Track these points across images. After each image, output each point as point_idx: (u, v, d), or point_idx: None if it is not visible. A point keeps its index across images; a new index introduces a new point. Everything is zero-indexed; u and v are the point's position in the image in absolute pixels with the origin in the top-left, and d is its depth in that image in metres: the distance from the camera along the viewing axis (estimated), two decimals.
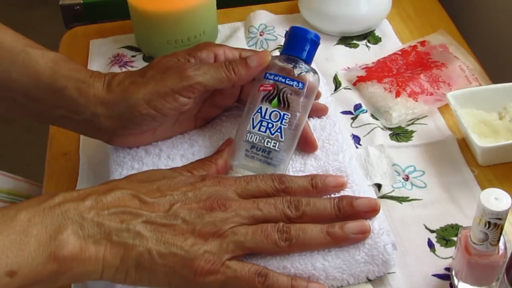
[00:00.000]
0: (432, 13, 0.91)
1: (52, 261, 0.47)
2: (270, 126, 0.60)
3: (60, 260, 0.48)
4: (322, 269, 0.55)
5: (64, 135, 0.75)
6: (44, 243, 0.47)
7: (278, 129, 0.60)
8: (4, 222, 0.47)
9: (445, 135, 0.73)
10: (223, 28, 0.89)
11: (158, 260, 0.50)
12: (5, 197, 0.81)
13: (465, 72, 0.79)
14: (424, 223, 0.64)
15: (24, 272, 0.46)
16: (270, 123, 0.60)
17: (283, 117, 0.60)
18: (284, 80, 0.61)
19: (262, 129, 0.60)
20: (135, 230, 0.50)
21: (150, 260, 0.50)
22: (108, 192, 0.52)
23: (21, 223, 0.47)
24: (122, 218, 0.51)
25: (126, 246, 0.50)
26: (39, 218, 0.48)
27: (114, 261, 0.50)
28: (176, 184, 0.54)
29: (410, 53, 0.82)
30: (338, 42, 0.87)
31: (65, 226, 0.48)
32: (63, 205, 0.50)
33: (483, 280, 0.56)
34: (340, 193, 0.60)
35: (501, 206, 0.50)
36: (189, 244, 0.51)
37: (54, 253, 0.47)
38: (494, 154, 0.68)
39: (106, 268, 0.50)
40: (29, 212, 0.48)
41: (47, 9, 2.17)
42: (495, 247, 0.53)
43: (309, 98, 0.62)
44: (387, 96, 0.76)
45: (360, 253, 0.56)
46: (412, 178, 0.68)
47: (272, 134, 0.60)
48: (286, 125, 0.60)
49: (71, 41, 0.90)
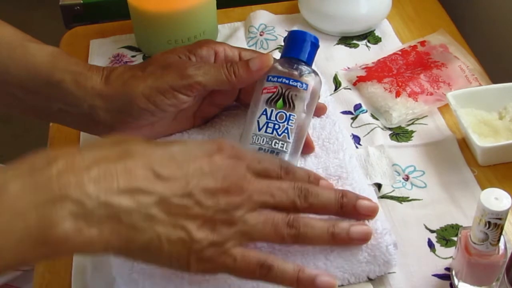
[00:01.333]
0: (432, 13, 0.91)
1: (41, 245, 0.42)
2: (276, 127, 0.60)
3: (51, 244, 0.42)
4: (324, 268, 0.55)
5: (64, 135, 0.75)
6: (34, 225, 0.41)
7: (285, 130, 0.60)
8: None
9: (445, 135, 0.73)
10: (223, 28, 0.89)
11: (165, 245, 0.47)
12: None
13: (465, 72, 0.79)
14: (424, 223, 0.64)
15: (6, 256, 0.41)
16: (276, 124, 0.60)
17: (289, 117, 0.60)
18: (288, 81, 0.61)
19: (268, 131, 0.59)
20: (147, 212, 0.46)
21: (158, 244, 0.47)
22: (118, 160, 0.45)
23: (7, 198, 0.41)
24: (133, 197, 0.45)
25: (135, 229, 0.46)
26: (31, 192, 0.41)
27: (118, 244, 0.46)
28: (192, 154, 0.49)
29: (410, 53, 0.82)
30: (338, 42, 0.87)
31: (62, 205, 0.42)
32: (62, 177, 0.42)
33: (483, 280, 0.56)
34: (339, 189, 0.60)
35: (501, 206, 0.50)
36: (199, 232, 0.48)
37: (45, 236, 0.42)
38: (494, 154, 0.68)
39: (107, 249, 0.46)
40: (19, 184, 0.42)
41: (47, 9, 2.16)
42: (495, 247, 0.53)
43: (313, 100, 0.62)
44: (387, 96, 0.76)
45: (363, 253, 0.56)
46: (412, 178, 0.68)
47: (280, 135, 0.59)
48: (293, 126, 0.60)
49: (71, 41, 0.90)
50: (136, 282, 0.54)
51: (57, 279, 0.61)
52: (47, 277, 0.61)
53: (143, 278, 0.54)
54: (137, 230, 0.46)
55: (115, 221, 0.44)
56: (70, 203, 0.42)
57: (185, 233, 0.48)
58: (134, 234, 0.46)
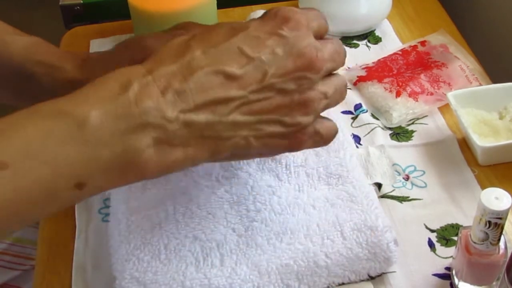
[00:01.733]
0: (432, 13, 0.91)
1: (128, 171, 0.43)
2: None
3: (138, 169, 0.43)
4: (324, 266, 0.55)
5: None
6: (119, 153, 0.42)
7: None
8: (71, 129, 0.41)
9: (445, 135, 0.73)
10: None
11: (254, 144, 0.46)
12: None
13: (466, 72, 0.79)
14: (424, 222, 0.64)
15: (97, 183, 0.42)
16: None
17: None
18: None
19: None
20: (229, 120, 0.44)
21: (246, 146, 0.46)
22: (188, 75, 0.43)
23: (92, 130, 0.41)
24: (211, 109, 0.44)
25: (220, 139, 0.45)
26: (113, 121, 0.41)
27: (204, 157, 0.45)
28: (257, 36, 0.46)
29: (410, 53, 0.82)
30: None
31: (144, 132, 0.42)
32: (141, 103, 0.42)
33: (484, 280, 0.56)
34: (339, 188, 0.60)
35: (502, 205, 0.50)
36: (287, 120, 0.47)
37: (131, 163, 0.42)
38: (494, 154, 0.68)
39: (194, 163, 0.45)
40: (100, 113, 0.41)
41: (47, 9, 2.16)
42: (496, 247, 0.53)
43: None
44: (388, 96, 0.76)
45: (363, 250, 0.56)
46: (412, 178, 0.68)
47: None
48: None
49: (71, 41, 0.90)
50: (137, 280, 0.54)
51: (57, 279, 0.61)
52: (47, 277, 0.61)
53: (144, 276, 0.54)
54: (222, 140, 0.45)
55: (199, 137, 0.44)
56: (152, 129, 0.42)
57: (274, 125, 0.46)
58: (220, 144, 0.45)
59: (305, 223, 0.58)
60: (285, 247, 0.56)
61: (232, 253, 0.56)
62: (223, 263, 0.55)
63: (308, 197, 0.60)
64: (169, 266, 0.55)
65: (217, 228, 0.57)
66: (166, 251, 0.56)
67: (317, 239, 0.56)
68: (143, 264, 0.55)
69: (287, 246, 0.56)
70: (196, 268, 0.55)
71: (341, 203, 0.59)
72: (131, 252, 0.56)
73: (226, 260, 0.55)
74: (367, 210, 0.58)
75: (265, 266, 0.55)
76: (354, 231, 0.57)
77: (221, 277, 0.54)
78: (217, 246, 0.56)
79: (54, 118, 0.41)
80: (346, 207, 0.59)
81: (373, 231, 0.56)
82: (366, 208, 0.58)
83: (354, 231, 0.57)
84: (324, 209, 0.59)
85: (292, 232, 0.57)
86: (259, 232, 0.57)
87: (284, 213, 0.58)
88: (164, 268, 0.55)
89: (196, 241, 0.56)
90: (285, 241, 0.56)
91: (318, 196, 0.60)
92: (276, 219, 0.58)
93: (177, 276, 0.54)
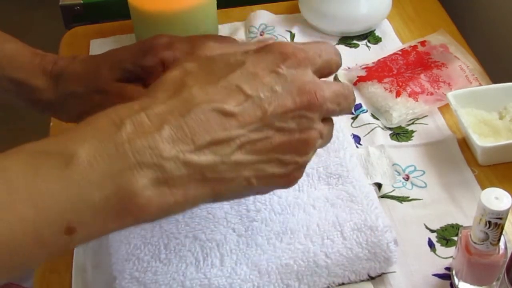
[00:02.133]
0: (432, 13, 0.91)
1: (123, 214, 0.39)
2: None
3: (135, 212, 0.39)
4: (324, 266, 0.55)
5: None
6: (112, 195, 0.38)
7: None
8: (59, 166, 0.38)
9: (445, 135, 0.73)
10: (223, 28, 0.89)
11: (255, 184, 0.44)
12: None
13: (465, 72, 0.79)
14: (424, 222, 0.64)
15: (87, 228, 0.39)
16: None
17: None
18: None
19: None
20: (231, 160, 0.42)
21: (247, 186, 0.44)
22: (186, 112, 0.41)
23: (81, 168, 0.38)
24: (214, 150, 0.41)
25: (223, 181, 0.43)
26: (104, 161, 0.38)
27: (206, 199, 0.43)
28: (255, 73, 0.44)
29: (410, 53, 0.82)
30: (338, 42, 0.87)
31: (140, 172, 0.39)
32: (134, 142, 0.39)
33: (484, 280, 0.56)
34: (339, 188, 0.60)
35: (502, 205, 0.50)
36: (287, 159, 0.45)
37: (127, 206, 0.39)
38: (494, 154, 0.68)
39: (195, 205, 0.43)
40: (90, 151, 0.38)
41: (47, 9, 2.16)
42: (496, 247, 0.53)
43: None
44: (388, 96, 0.76)
45: (363, 250, 0.56)
46: (412, 178, 0.68)
47: None
48: None
49: (71, 41, 0.90)
50: (137, 280, 0.54)
51: (58, 278, 0.61)
52: (48, 276, 0.61)
53: (143, 276, 0.54)
54: (225, 181, 0.43)
55: (200, 178, 0.41)
56: (149, 169, 0.39)
57: (274, 167, 0.45)
58: (222, 186, 0.43)
59: (305, 223, 0.58)
60: (285, 247, 0.56)
61: (232, 253, 0.56)
62: (223, 263, 0.55)
63: (308, 197, 0.60)
64: (169, 266, 0.55)
65: (217, 228, 0.57)
66: (166, 251, 0.56)
67: (317, 239, 0.57)
68: (143, 264, 0.55)
69: (287, 246, 0.56)
70: (196, 268, 0.55)
71: (341, 203, 0.59)
72: (131, 252, 0.56)
73: (226, 260, 0.55)
74: (367, 210, 0.58)
75: (265, 266, 0.55)
76: (354, 231, 0.57)
77: (221, 277, 0.54)
78: (217, 246, 0.56)
79: (40, 156, 0.39)
80: (346, 207, 0.59)
81: (373, 231, 0.57)
82: (366, 208, 0.59)
83: (354, 231, 0.57)
84: (324, 209, 0.59)
85: (292, 232, 0.57)
86: (259, 232, 0.57)
87: (284, 213, 0.58)
88: (164, 268, 0.55)
89: (196, 241, 0.56)
90: (285, 241, 0.56)
91: (318, 196, 0.60)
92: (276, 219, 0.58)
93: (177, 276, 0.54)
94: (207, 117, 0.41)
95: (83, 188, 0.38)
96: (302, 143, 0.45)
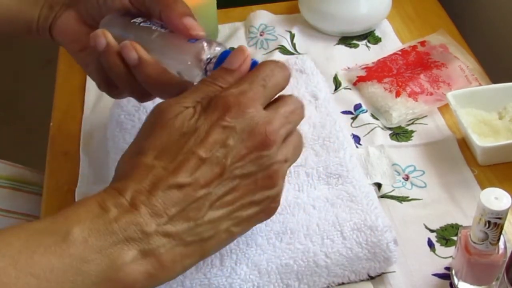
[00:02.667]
0: (432, 13, 0.91)
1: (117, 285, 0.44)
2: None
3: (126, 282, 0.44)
4: (324, 266, 0.55)
5: (64, 135, 0.75)
6: (105, 269, 0.43)
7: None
8: (55, 243, 0.42)
9: (445, 135, 0.73)
10: (223, 28, 0.89)
11: (236, 231, 0.48)
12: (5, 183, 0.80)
13: (465, 72, 0.79)
14: (424, 222, 0.64)
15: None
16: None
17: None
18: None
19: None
20: (205, 220, 0.46)
21: (229, 236, 0.48)
22: (153, 190, 0.45)
23: (76, 246, 0.42)
24: (186, 216, 0.45)
25: (204, 240, 0.46)
26: (96, 238, 0.43)
27: (194, 260, 0.47)
28: (206, 134, 0.47)
29: (410, 53, 0.82)
30: (338, 42, 0.87)
31: (129, 247, 0.44)
32: (120, 221, 0.44)
33: (483, 280, 0.56)
34: (339, 188, 0.60)
35: (501, 205, 0.50)
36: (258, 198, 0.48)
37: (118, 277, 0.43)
38: (494, 154, 0.68)
39: (185, 269, 0.47)
40: (83, 230, 0.43)
41: None
42: (495, 247, 0.53)
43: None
44: (387, 96, 0.76)
45: (363, 250, 0.56)
46: (412, 178, 0.68)
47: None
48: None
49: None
50: None
51: None
52: None
53: None
54: (206, 240, 0.47)
55: (181, 243, 0.46)
56: (135, 243, 0.44)
57: (249, 210, 0.48)
58: (204, 244, 0.47)
59: (305, 223, 0.58)
60: (285, 246, 0.56)
61: (232, 252, 0.56)
62: (223, 263, 0.55)
63: (308, 197, 0.60)
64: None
65: None
66: None
67: (317, 239, 0.57)
68: None
69: (287, 245, 0.56)
70: (196, 268, 0.55)
71: (341, 203, 0.59)
72: None
73: (226, 259, 0.55)
74: (367, 210, 0.58)
75: (265, 266, 0.55)
76: (354, 231, 0.57)
77: (221, 277, 0.54)
78: None
79: (40, 233, 0.43)
80: (346, 207, 0.59)
81: (373, 231, 0.57)
82: (366, 208, 0.59)
83: (354, 231, 0.57)
84: (324, 209, 0.59)
85: (292, 232, 0.57)
86: (259, 231, 0.57)
87: (284, 213, 0.59)
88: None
89: None
90: (285, 240, 0.57)
91: (318, 196, 0.60)
92: (276, 219, 0.58)
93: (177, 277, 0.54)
94: (168, 193, 0.45)
95: (79, 261, 0.42)
96: (268, 179, 0.48)
